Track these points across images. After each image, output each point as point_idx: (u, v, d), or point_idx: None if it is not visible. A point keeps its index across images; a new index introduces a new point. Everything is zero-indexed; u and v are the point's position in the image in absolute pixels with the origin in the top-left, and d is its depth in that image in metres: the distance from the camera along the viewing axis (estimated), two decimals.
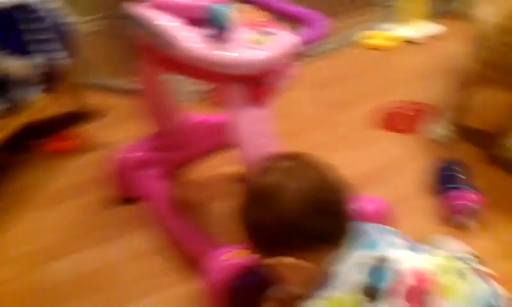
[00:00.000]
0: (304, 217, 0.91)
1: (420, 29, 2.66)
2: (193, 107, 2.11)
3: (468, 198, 1.50)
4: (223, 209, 1.60)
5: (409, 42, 2.62)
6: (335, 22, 2.19)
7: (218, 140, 1.85)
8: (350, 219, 0.96)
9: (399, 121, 2.03)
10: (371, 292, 0.89)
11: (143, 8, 1.28)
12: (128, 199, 1.67)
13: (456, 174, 1.60)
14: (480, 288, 0.96)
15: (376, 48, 2.59)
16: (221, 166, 1.79)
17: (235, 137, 1.25)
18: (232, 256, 1.23)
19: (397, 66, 2.48)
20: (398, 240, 0.98)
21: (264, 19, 1.30)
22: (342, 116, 2.10)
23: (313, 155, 0.99)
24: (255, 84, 1.21)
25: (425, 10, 2.70)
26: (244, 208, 0.98)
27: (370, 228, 0.98)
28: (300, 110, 2.11)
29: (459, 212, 1.49)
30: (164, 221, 1.54)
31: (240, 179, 1.66)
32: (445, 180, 1.60)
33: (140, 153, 1.67)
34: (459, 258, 1.04)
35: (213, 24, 1.19)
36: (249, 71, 1.19)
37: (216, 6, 1.18)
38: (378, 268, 0.91)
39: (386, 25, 2.72)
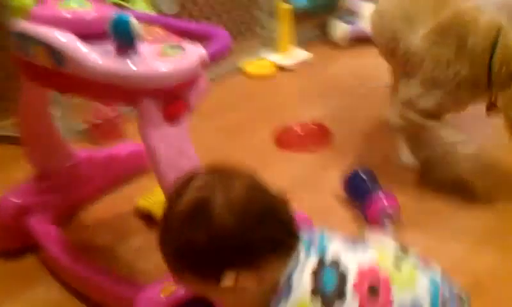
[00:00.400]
0: (240, 230, 0.81)
1: (297, 55, 2.70)
2: (75, 144, 1.96)
3: (385, 202, 1.50)
4: (133, 246, 1.49)
5: (288, 69, 2.64)
6: None
7: (111, 175, 1.73)
8: (295, 222, 0.87)
9: (297, 141, 2.02)
10: (328, 298, 0.82)
11: (37, 25, 1.15)
12: (21, 250, 1.49)
13: (367, 182, 1.59)
14: (422, 273, 0.93)
15: (257, 75, 2.59)
16: (121, 201, 1.66)
17: (150, 160, 1.13)
18: (167, 292, 1.10)
19: (280, 91, 2.48)
20: (338, 242, 0.91)
21: (164, 33, 1.21)
22: (240, 142, 2.03)
23: (236, 164, 0.89)
24: (168, 98, 1.11)
25: (297, 37, 2.75)
26: (167, 237, 0.85)
27: (312, 233, 0.91)
28: (194, 138, 2.01)
29: (379, 216, 1.48)
30: (64, 269, 1.38)
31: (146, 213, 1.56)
32: (358, 188, 1.59)
33: (26, 198, 1.49)
34: (394, 249, 1.01)
35: (117, 37, 1.08)
36: (161, 84, 1.10)
37: (120, 17, 1.06)
38: (332, 272, 0.85)
39: (265, 53, 2.73)
